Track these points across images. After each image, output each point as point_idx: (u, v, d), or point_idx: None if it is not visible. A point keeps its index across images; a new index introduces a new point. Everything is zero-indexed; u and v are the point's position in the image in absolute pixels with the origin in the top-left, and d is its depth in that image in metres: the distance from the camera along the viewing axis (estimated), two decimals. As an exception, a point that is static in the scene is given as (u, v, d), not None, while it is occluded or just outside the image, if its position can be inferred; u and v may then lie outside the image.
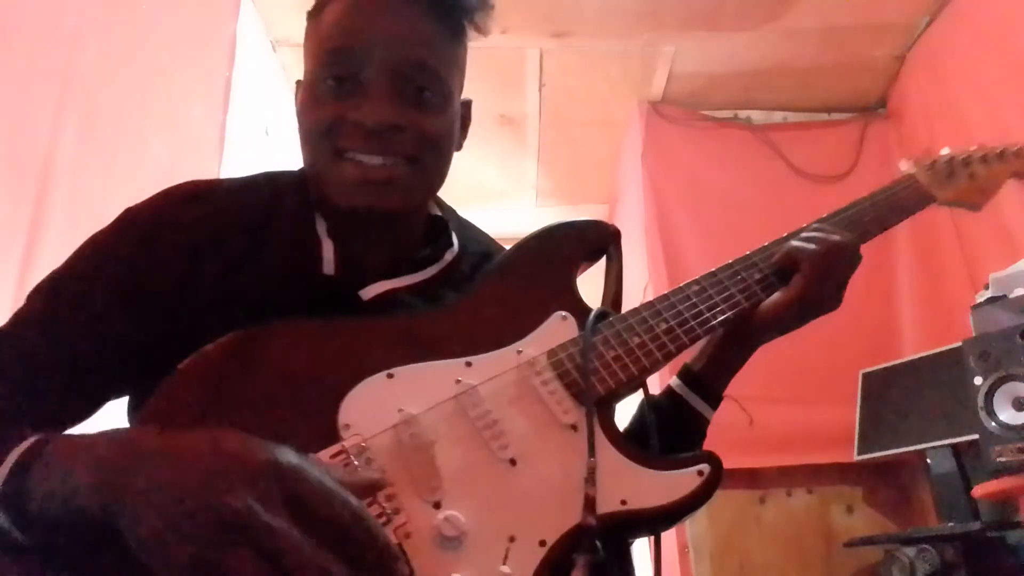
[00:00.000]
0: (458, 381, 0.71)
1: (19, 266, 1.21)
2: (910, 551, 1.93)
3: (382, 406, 0.67)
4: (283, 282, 0.76)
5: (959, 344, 1.83)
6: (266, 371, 0.68)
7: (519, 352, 0.74)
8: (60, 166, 1.36)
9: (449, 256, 0.86)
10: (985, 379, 1.71)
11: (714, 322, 0.80)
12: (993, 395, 1.70)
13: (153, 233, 0.75)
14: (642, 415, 0.84)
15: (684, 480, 0.71)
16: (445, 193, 0.91)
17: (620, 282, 0.84)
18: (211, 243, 0.75)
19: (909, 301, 2.68)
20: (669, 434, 0.79)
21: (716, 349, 0.86)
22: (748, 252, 0.87)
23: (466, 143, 0.87)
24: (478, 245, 0.92)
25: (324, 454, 0.63)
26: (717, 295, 0.82)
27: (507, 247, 0.95)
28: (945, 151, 1.04)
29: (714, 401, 0.87)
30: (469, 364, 0.72)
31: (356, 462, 0.63)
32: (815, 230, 0.87)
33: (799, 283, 0.82)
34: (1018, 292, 1.80)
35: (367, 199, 0.75)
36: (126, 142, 1.59)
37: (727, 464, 0.75)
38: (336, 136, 0.76)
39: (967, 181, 1.02)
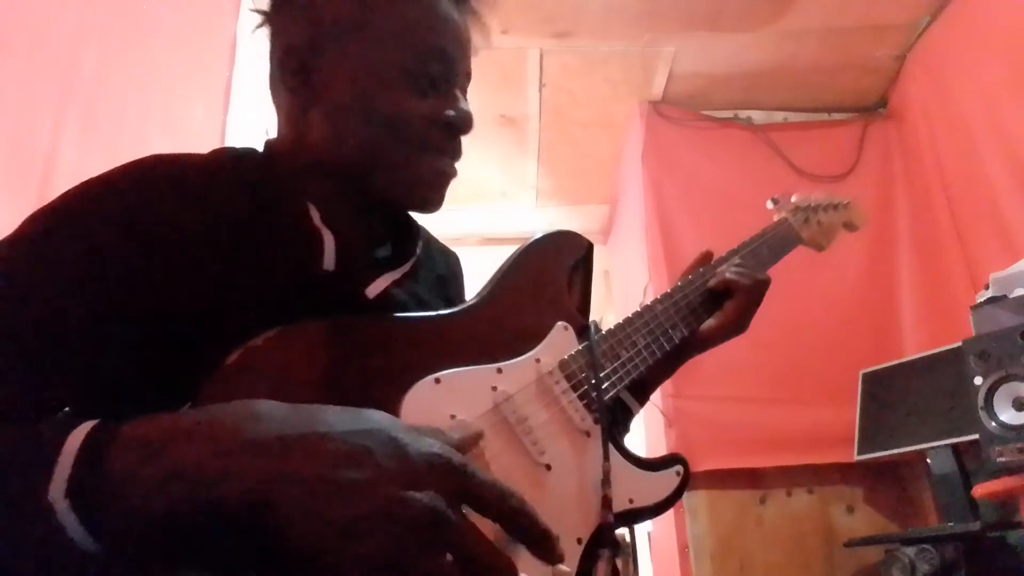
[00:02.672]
0: (494, 388, 0.73)
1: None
2: (910, 551, 1.93)
3: (435, 412, 0.68)
4: (282, 277, 0.70)
5: (959, 344, 1.83)
6: (323, 370, 0.65)
7: (538, 360, 0.79)
8: (61, 166, 1.36)
9: (419, 249, 0.86)
10: (985, 379, 1.71)
11: (676, 339, 0.91)
12: (993, 395, 1.70)
13: (127, 218, 0.64)
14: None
15: (668, 479, 0.82)
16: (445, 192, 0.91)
17: (588, 293, 0.91)
18: (196, 230, 0.66)
19: (909, 301, 2.68)
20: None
21: (658, 360, 0.93)
22: (691, 276, 0.99)
23: (466, 143, 0.88)
24: (420, 232, 0.92)
25: None
26: (676, 315, 0.93)
27: (431, 234, 0.98)
28: (795, 198, 1.21)
29: (644, 402, 0.97)
30: (500, 371, 0.75)
31: None
32: (741, 265, 1.00)
33: (732, 310, 0.95)
34: (1018, 292, 1.80)
35: (436, 195, 0.79)
36: (127, 142, 1.59)
37: (728, 464, 0.79)
38: (429, 132, 0.77)
39: (816, 227, 1.19)
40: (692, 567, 2.48)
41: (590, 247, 0.92)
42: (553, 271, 0.87)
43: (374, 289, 0.76)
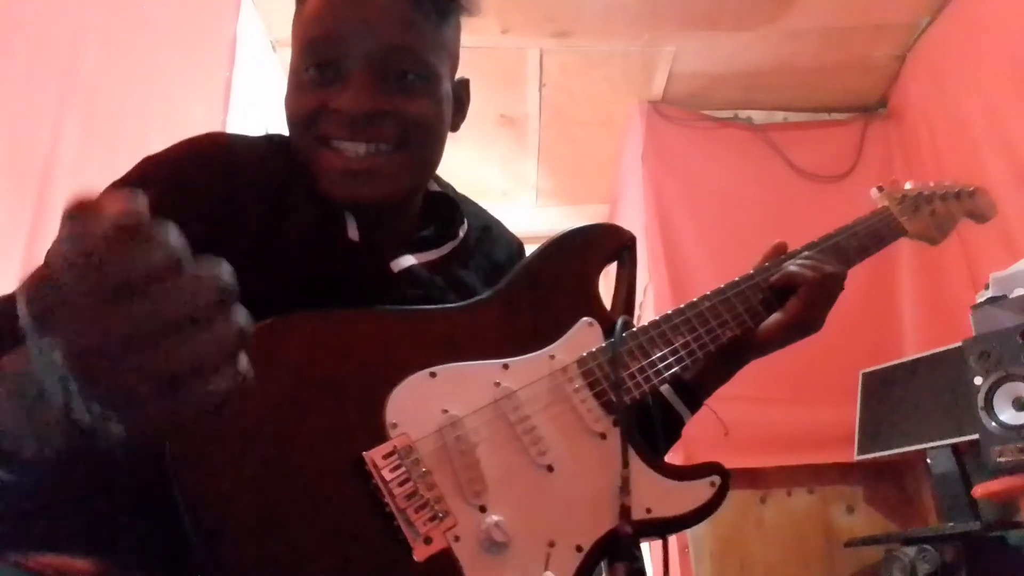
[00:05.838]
0: (496, 384, 0.71)
1: (20, 266, 1.21)
2: (910, 551, 1.93)
3: (426, 406, 0.68)
4: (311, 246, 0.74)
5: (959, 344, 1.83)
6: (308, 363, 0.66)
7: (552, 357, 0.76)
8: (61, 166, 1.36)
9: (462, 233, 0.87)
10: (985, 379, 1.71)
11: (724, 339, 0.83)
12: (993, 395, 1.70)
13: (169, 191, 0.70)
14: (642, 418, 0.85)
15: (699, 490, 0.75)
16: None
17: (632, 288, 0.86)
18: (234, 204, 0.72)
19: (909, 301, 2.68)
20: (651, 433, 0.82)
21: (709, 362, 0.88)
22: (751, 271, 0.90)
23: (466, 143, 0.88)
24: (476, 219, 0.93)
25: (376, 453, 0.63)
26: (726, 312, 0.85)
27: (501, 223, 0.99)
28: (909, 185, 1.08)
29: (695, 408, 0.90)
30: (506, 367, 0.73)
31: (405, 463, 0.64)
32: (809, 257, 0.90)
33: (796, 306, 0.85)
34: (1018, 292, 1.80)
35: (351, 190, 0.75)
36: (127, 142, 1.58)
37: (728, 464, 0.77)
38: (318, 125, 0.75)
39: (929, 217, 1.06)
40: (692, 567, 2.48)
41: (632, 240, 0.87)
42: (584, 265, 0.83)
43: (398, 264, 0.78)
